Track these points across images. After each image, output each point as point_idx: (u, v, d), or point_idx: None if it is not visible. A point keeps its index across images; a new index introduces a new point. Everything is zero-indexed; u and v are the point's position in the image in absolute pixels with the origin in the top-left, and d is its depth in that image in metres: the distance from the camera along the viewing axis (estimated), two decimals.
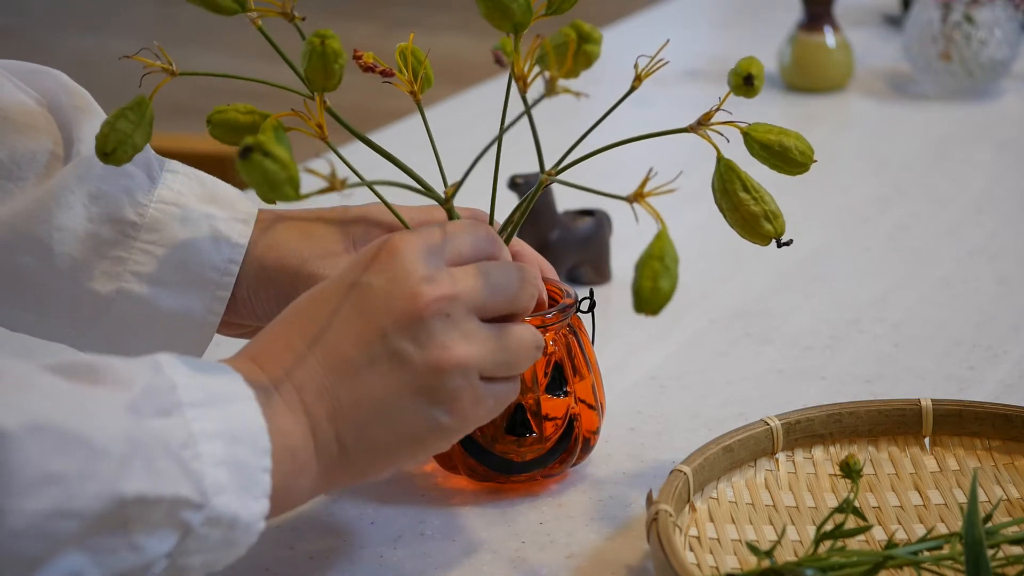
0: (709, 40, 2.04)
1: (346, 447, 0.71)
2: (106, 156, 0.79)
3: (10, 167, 0.83)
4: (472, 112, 1.61)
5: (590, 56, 0.73)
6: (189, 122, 1.28)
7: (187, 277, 0.84)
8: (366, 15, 4.58)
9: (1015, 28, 1.64)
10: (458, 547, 0.82)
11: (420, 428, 0.72)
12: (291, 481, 0.69)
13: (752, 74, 0.77)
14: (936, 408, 0.87)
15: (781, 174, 0.81)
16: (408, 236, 0.73)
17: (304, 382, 0.70)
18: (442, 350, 0.71)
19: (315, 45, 0.77)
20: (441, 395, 0.72)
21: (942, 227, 1.30)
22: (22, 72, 0.85)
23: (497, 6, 0.75)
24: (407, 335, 0.71)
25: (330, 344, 0.71)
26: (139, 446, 0.63)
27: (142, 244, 0.84)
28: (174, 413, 0.65)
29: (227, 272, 0.84)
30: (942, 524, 0.81)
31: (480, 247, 0.76)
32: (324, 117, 0.80)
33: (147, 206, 0.84)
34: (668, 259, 0.71)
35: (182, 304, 0.84)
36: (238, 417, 0.67)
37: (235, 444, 0.66)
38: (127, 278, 0.84)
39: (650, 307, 0.70)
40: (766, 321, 1.11)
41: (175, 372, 0.67)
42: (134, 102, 0.80)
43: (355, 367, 0.71)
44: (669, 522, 0.75)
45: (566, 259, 1.15)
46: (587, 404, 0.87)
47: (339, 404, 0.70)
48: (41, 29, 4.56)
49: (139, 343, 0.85)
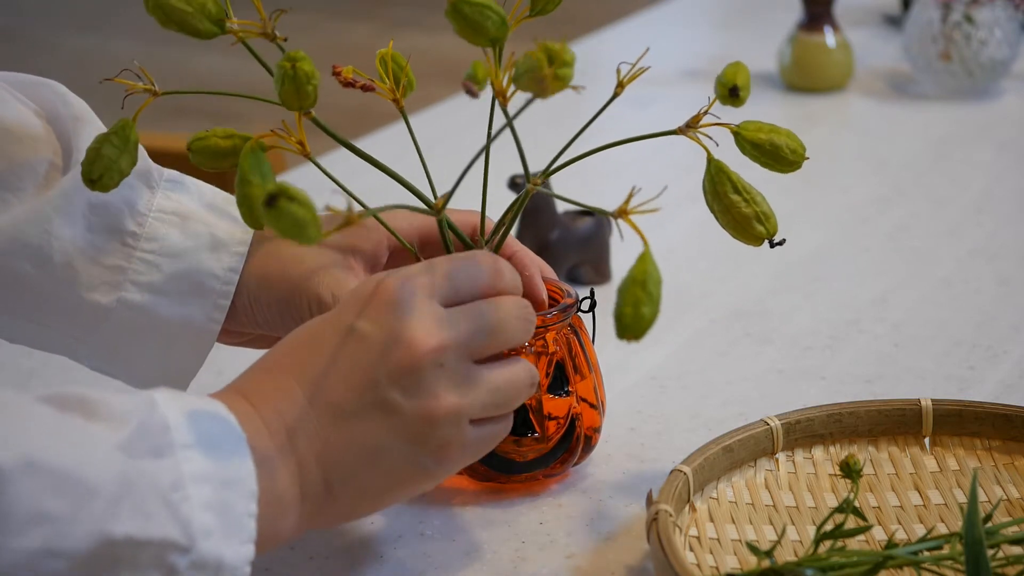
0: (709, 40, 2.04)
1: (332, 490, 0.71)
2: (92, 183, 0.79)
3: (9, 178, 0.83)
4: (470, 113, 1.60)
5: (563, 79, 0.71)
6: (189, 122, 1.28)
7: (187, 286, 0.84)
8: (366, 15, 4.58)
9: (1015, 28, 1.64)
10: (458, 547, 0.82)
11: (407, 473, 0.72)
12: (276, 523, 0.69)
13: (737, 85, 0.77)
14: (936, 408, 0.87)
15: (774, 173, 0.81)
16: (403, 280, 0.72)
17: (294, 425, 0.70)
18: (434, 400, 0.71)
19: (286, 69, 0.77)
20: (431, 443, 0.71)
21: (942, 227, 1.31)
22: (20, 83, 0.86)
23: (469, 23, 0.75)
24: (399, 386, 0.70)
25: (323, 391, 0.70)
26: (130, 486, 0.63)
27: (142, 253, 0.84)
28: (166, 454, 0.65)
29: (227, 281, 0.84)
30: (942, 524, 0.81)
31: (478, 283, 0.75)
32: (304, 133, 0.80)
33: (147, 215, 0.84)
34: (651, 284, 0.70)
35: (182, 313, 0.84)
36: (229, 461, 0.67)
37: (224, 488, 0.66)
38: (127, 287, 0.84)
39: (632, 333, 0.70)
40: (766, 321, 1.11)
41: (169, 411, 0.66)
42: (118, 126, 0.80)
43: (346, 413, 0.70)
44: (669, 522, 0.75)
45: (566, 259, 1.15)
46: (588, 403, 0.87)
47: (328, 449, 0.70)
48: (41, 29, 4.56)
49: (139, 352, 0.85)
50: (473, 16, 0.74)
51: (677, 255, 1.22)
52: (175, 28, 0.80)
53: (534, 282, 0.84)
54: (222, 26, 0.80)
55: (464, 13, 0.75)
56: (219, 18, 0.80)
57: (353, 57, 0.92)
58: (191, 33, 0.80)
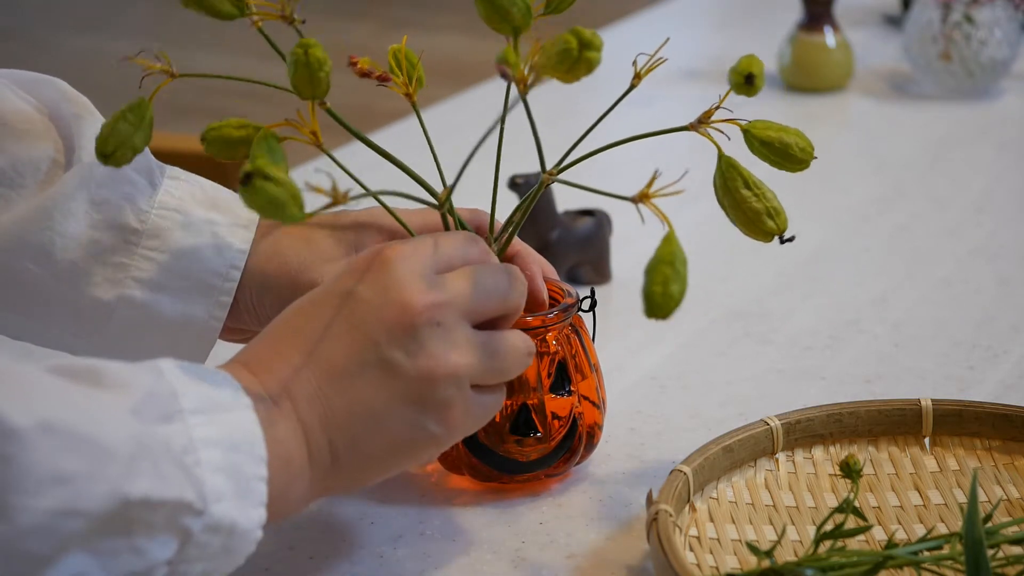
0: (709, 40, 2.04)
1: (338, 454, 0.71)
2: (106, 158, 0.79)
3: (11, 175, 0.83)
4: (472, 112, 1.61)
5: (591, 63, 0.73)
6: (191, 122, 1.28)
7: (189, 283, 0.84)
8: (366, 15, 4.58)
9: (1015, 28, 1.64)
10: (458, 547, 0.82)
11: (411, 437, 0.73)
12: (286, 489, 0.69)
13: (753, 73, 0.77)
14: (936, 408, 0.87)
15: (782, 171, 0.81)
16: (399, 247, 0.73)
17: (298, 391, 0.70)
18: (433, 359, 0.72)
19: (299, 55, 0.77)
20: (432, 404, 0.72)
21: (942, 227, 1.31)
22: (22, 81, 0.86)
23: (496, 9, 0.75)
24: (398, 345, 0.71)
25: (323, 354, 0.71)
26: (144, 448, 0.63)
27: (144, 250, 0.84)
28: (175, 419, 0.65)
29: (229, 278, 0.84)
30: (942, 524, 0.81)
31: (469, 255, 0.76)
32: (318, 123, 0.80)
33: (149, 212, 0.84)
34: (678, 263, 0.71)
35: (184, 310, 0.84)
36: (236, 425, 0.67)
37: (233, 452, 0.66)
38: (129, 284, 0.84)
39: (662, 312, 0.71)
40: (766, 321, 1.11)
41: (175, 378, 0.67)
42: (134, 104, 0.80)
43: (348, 376, 0.71)
44: (669, 522, 0.75)
45: (566, 259, 1.15)
46: (591, 402, 0.87)
47: (332, 412, 0.71)
48: (41, 29, 4.56)
49: (141, 349, 0.85)
50: (500, 3, 0.75)
51: None
52: (195, 8, 0.80)
53: (536, 282, 0.84)
54: (243, 8, 0.80)
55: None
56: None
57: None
58: (212, 13, 0.80)
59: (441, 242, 0.75)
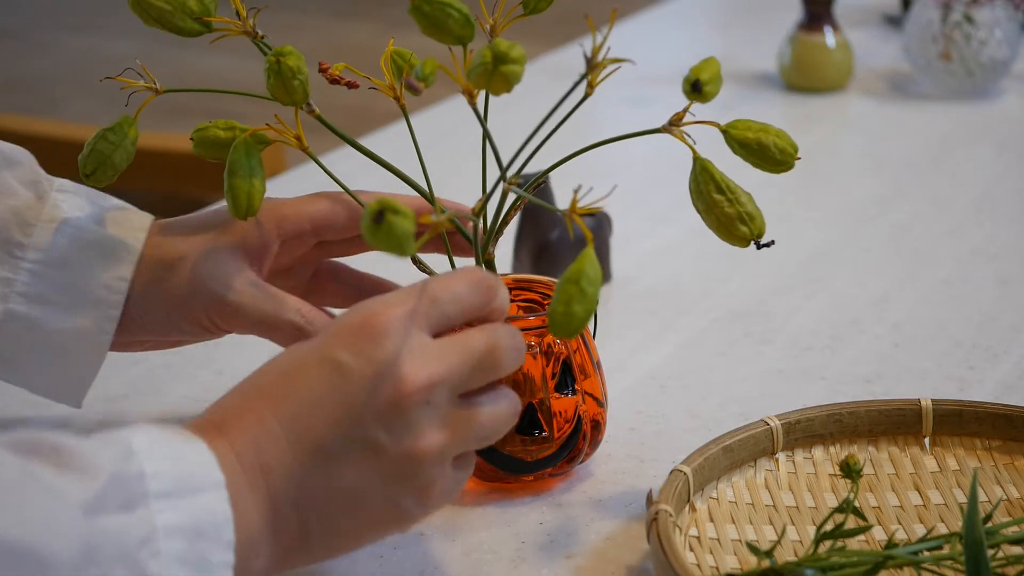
0: (709, 40, 2.04)
1: (308, 531, 0.68)
2: (87, 177, 0.80)
3: None
4: (470, 112, 1.60)
5: (508, 77, 0.71)
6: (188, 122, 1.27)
7: (76, 297, 0.83)
8: (366, 15, 4.58)
9: (1015, 28, 1.64)
10: (458, 547, 0.82)
11: (387, 515, 0.70)
12: (247, 564, 0.66)
13: (700, 80, 0.75)
14: (936, 408, 0.87)
15: (766, 172, 0.80)
16: (392, 311, 0.69)
17: (272, 464, 0.67)
18: (420, 440, 0.68)
19: (272, 64, 0.77)
20: (414, 483, 0.69)
21: (942, 227, 1.30)
22: None
23: (432, 22, 0.75)
24: (385, 426, 0.68)
25: (304, 425, 0.67)
26: (94, 552, 0.60)
27: (28, 264, 0.83)
28: (139, 505, 0.62)
29: (117, 290, 0.83)
30: (942, 524, 0.81)
31: (468, 305, 0.72)
32: (302, 127, 0.80)
33: (34, 226, 0.83)
34: (584, 281, 0.69)
35: (72, 324, 0.83)
36: (205, 508, 0.64)
37: (198, 539, 0.63)
38: (14, 299, 0.83)
39: (564, 331, 0.69)
40: (766, 321, 1.11)
41: (146, 457, 0.63)
42: (117, 123, 0.81)
43: (328, 454, 0.68)
44: (669, 522, 0.75)
45: (566, 259, 1.15)
46: (595, 399, 0.87)
47: (306, 492, 0.68)
48: (40, 29, 4.56)
49: (32, 363, 0.84)
50: (434, 15, 0.75)
51: (677, 255, 1.22)
52: (157, 26, 0.80)
53: None
54: (208, 25, 0.80)
55: (424, 12, 0.75)
56: (201, 16, 0.80)
57: (353, 57, 0.92)
58: (174, 31, 0.80)
59: (440, 296, 0.71)
